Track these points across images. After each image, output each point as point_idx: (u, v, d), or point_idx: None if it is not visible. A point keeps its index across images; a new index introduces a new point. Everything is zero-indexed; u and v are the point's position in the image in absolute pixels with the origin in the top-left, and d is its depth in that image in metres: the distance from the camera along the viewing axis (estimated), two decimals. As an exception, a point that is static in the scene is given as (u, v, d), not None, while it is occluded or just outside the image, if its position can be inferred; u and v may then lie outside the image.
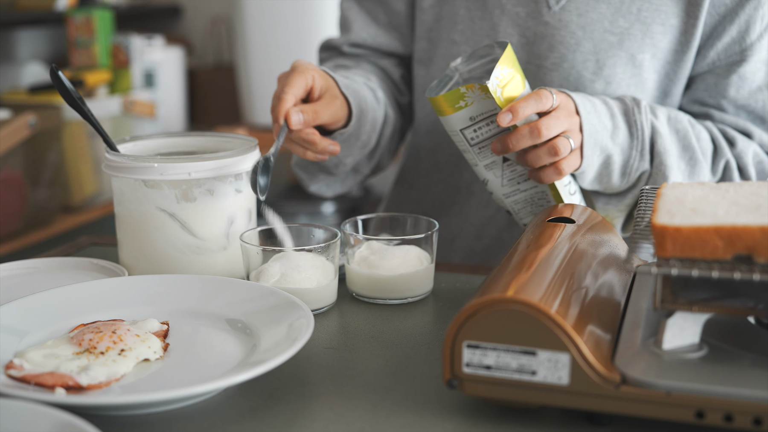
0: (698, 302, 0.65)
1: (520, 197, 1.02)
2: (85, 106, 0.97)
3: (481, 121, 0.94)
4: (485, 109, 0.93)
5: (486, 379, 0.65)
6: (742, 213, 0.66)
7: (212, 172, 0.93)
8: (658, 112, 1.05)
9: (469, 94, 0.92)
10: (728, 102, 1.11)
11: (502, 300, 0.64)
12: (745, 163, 1.09)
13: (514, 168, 0.99)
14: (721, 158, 1.08)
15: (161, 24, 3.08)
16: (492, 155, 0.98)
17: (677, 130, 1.06)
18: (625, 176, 1.03)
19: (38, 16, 2.48)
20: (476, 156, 0.98)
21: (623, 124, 1.02)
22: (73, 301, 0.84)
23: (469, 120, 0.95)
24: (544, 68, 1.11)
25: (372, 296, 0.93)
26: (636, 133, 1.02)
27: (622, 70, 1.09)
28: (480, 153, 0.97)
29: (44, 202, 2.08)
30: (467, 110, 0.94)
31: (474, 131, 0.95)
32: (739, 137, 1.10)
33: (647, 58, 1.09)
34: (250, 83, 2.56)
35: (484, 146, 0.97)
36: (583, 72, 1.09)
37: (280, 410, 0.69)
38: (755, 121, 1.12)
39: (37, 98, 2.17)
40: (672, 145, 1.04)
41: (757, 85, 1.10)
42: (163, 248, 0.94)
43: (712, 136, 1.10)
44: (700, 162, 1.06)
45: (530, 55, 1.12)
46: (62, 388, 0.68)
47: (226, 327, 0.81)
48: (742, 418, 0.60)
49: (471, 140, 0.96)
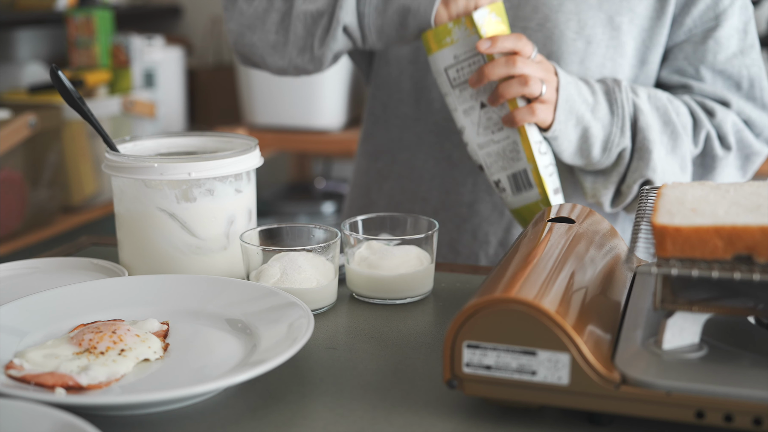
0: (698, 302, 0.65)
1: (493, 149, 1.06)
2: (85, 106, 0.97)
3: (465, 60, 1.01)
4: (468, 47, 1.00)
5: (486, 379, 0.65)
6: (742, 213, 0.66)
7: (212, 172, 0.93)
8: (639, 91, 1.11)
9: (455, 30, 1.00)
10: (706, 68, 1.16)
11: (502, 300, 0.64)
12: (725, 132, 1.15)
13: (489, 116, 1.04)
14: (701, 130, 1.14)
15: (161, 24, 3.08)
16: (470, 99, 1.04)
17: (657, 107, 1.11)
18: (606, 151, 1.09)
19: (38, 16, 2.48)
20: (456, 99, 1.03)
21: (604, 101, 1.08)
22: (73, 301, 0.84)
23: (453, 58, 1.01)
24: (529, 29, 1.15)
25: (372, 296, 0.93)
26: (617, 111, 1.08)
27: (602, 30, 1.14)
28: (460, 96, 1.03)
29: (44, 202, 2.08)
30: (453, 47, 1.01)
31: (457, 71, 1.02)
32: (718, 107, 1.15)
33: (625, 21, 1.14)
34: (250, 83, 2.55)
35: (465, 89, 1.02)
36: (566, 31, 1.14)
37: (280, 410, 0.69)
38: (731, 88, 1.17)
39: (37, 98, 2.17)
40: (653, 120, 1.10)
41: (732, 51, 1.16)
42: (163, 248, 0.94)
43: (690, 109, 1.15)
44: (681, 135, 1.12)
45: (516, 18, 1.16)
46: (62, 388, 0.68)
47: (226, 327, 0.81)
48: (742, 418, 0.60)
49: (453, 80, 1.02)
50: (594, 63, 1.15)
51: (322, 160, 3.10)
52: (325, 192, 2.86)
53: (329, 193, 2.85)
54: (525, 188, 1.06)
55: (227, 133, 1.06)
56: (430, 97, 1.23)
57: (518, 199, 1.08)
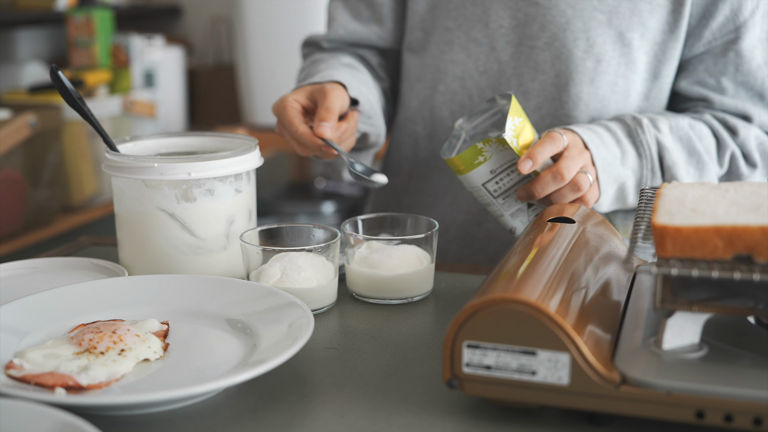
0: (698, 302, 0.65)
1: None
2: (85, 106, 0.97)
3: (502, 172, 0.99)
4: (504, 161, 0.98)
5: (486, 379, 0.65)
6: (742, 213, 0.66)
7: (212, 172, 0.93)
8: (660, 125, 1.08)
9: (486, 148, 0.97)
10: (728, 80, 1.14)
11: (502, 300, 0.64)
12: (749, 150, 1.13)
13: (538, 210, 1.02)
14: (726, 151, 1.12)
15: (161, 24, 3.08)
16: (517, 203, 1.02)
17: (680, 138, 1.09)
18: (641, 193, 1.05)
19: (38, 16, 2.48)
20: (501, 207, 1.02)
21: (630, 146, 1.06)
22: (73, 301, 0.84)
23: (489, 173, 0.99)
24: (537, 49, 1.13)
25: (372, 296, 0.93)
26: (644, 153, 1.06)
27: (612, 48, 1.12)
28: (505, 203, 1.02)
29: (44, 202, 2.08)
30: (487, 164, 0.98)
31: (496, 183, 1.00)
32: (740, 124, 1.13)
33: (636, 37, 1.12)
34: (250, 83, 2.56)
35: (508, 195, 1.01)
36: (574, 50, 1.12)
37: (280, 410, 0.69)
38: (754, 99, 1.15)
39: (37, 98, 2.17)
40: (679, 155, 1.07)
41: (757, 63, 1.13)
42: (163, 248, 0.94)
43: (713, 130, 1.12)
44: (707, 163, 1.10)
45: (522, 36, 1.14)
46: (62, 388, 0.68)
47: (226, 327, 0.81)
48: (742, 418, 0.60)
49: (494, 192, 1.01)
50: (605, 81, 1.13)
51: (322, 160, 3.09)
52: (325, 192, 2.86)
53: (329, 193, 2.84)
54: None
55: (227, 133, 1.07)
56: (441, 115, 1.21)
57: None
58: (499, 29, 1.15)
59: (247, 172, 0.97)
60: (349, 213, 2.69)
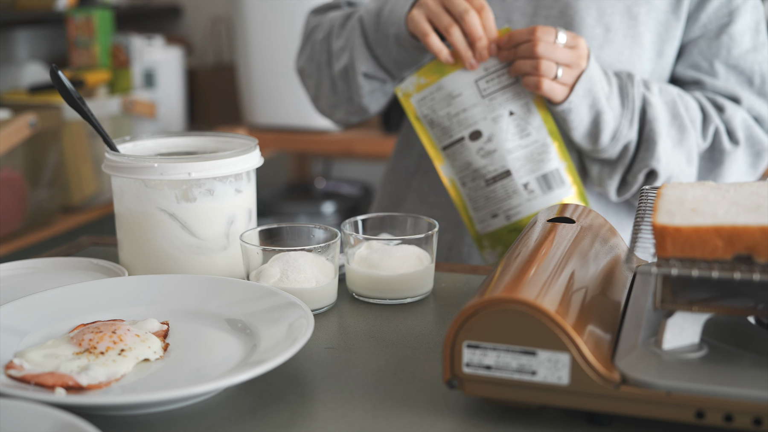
0: (698, 302, 0.65)
1: (521, 153, 1.11)
2: (85, 106, 0.97)
3: (494, 72, 1.09)
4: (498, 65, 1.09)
5: (486, 379, 0.65)
6: (742, 213, 0.66)
7: (212, 172, 0.93)
8: (651, 85, 1.15)
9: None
10: (720, 63, 1.20)
11: (502, 300, 0.64)
12: (734, 127, 1.18)
13: (518, 123, 1.10)
14: (710, 124, 1.17)
15: (161, 24, 3.08)
16: (499, 108, 1.10)
17: (666, 102, 1.15)
18: (614, 140, 1.13)
19: (38, 16, 2.48)
20: (486, 109, 1.10)
21: (617, 94, 1.12)
22: (73, 301, 0.84)
23: (483, 70, 1.09)
24: (551, 17, 1.20)
25: (372, 296, 0.93)
26: (627, 104, 1.12)
27: (620, 19, 1.18)
28: (489, 105, 1.10)
29: (44, 202, 2.08)
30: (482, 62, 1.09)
31: (486, 82, 1.09)
32: (728, 104, 1.19)
33: (642, 12, 1.18)
34: (250, 83, 2.55)
35: (494, 98, 1.10)
36: (586, 18, 1.18)
37: (280, 410, 0.69)
38: (744, 83, 1.21)
39: (37, 98, 2.17)
40: (662, 113, 1.13)
41: (746, 47, 1.20)
42: (163, 248, 0.94)
43: (700, 105, 1.19)
44: (689, 129, 1.15)
45: (538, 7, 1.20)
46: (62, 388, 0.68)
47: (226, 327, 0.81)
48: (742, 418, 0.60)
49: (483, 91, 1.09)
50: (612, 50, 1.18)
51: (322, 160, 3.10)
52: (325, 192, 2.86)
53: (329, 193, 2.84)
54: (557, 186, 1.12)
55: (227, 133, 1.06)
56: None
57: (547, 198, 1.12)
58: (515, 2, 1.20)
59: (247, 172, 0.97)
60: (349, 213, 2.69)
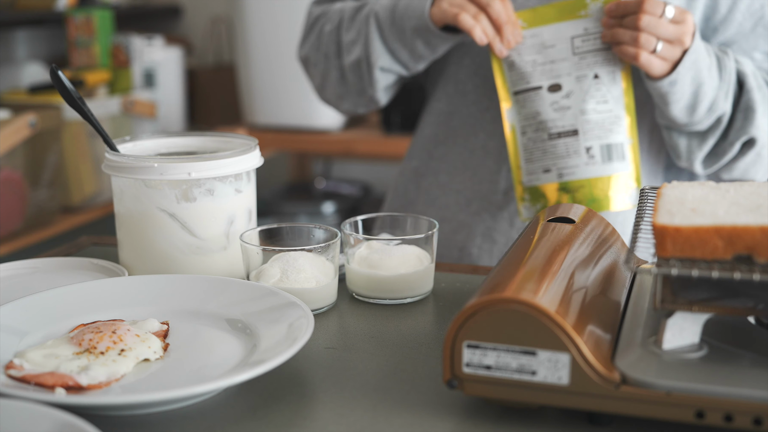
0: (698, 302, 0.65)
1: (594, 117, 1.13)
2: (85, 106, 0.97)
3: (593, 34, 1.11)
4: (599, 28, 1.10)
5: (486, 379, 0.65)
6: (742, 213, 0.66)
7: (212, 172, 0.92)
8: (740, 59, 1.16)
9: (591, 5, 1.10)
10: (759, 53, 1.21)
11: (502, 300, 0.64)
12: None
13: (599, 88, 1.12)
14: None
15: (161, 24, 3.08)
16: (586, 68, 1.12)
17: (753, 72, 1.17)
18: (710, 112, 1.13)
19: (38, 16, 2.48)
20: (573, 66, 1.11)
21: (716, 66, 1.13)
22: (73, 301, 0.84)
23: (583, 30, 1.11)
24: None
25: (372, 296, 0.93)
26: (724, 76, 1.13)
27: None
28: (578, 63, 1.11)
29: (44, 202, 2.08)
30: (585, 20, 1.11)
31: (582, 41, 1.11)
32: None
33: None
34: (250, 83, 2.55)
35: (584, 57, 1.11)
36: None
37: (280, 410, 0.69)
38: None
39: (37, 98, 2.17)
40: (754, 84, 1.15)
41: None
42: (163, 248, 0.94)
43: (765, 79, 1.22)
44: None
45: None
46: (62, 388, 0.68)
47: (226, 327, 0.81)
48: (742, 418, 0.60)
49: (576, 48, 1.11)
50: None
51: (322, 160, 3.09)
52: (325, 192, 2.86)
53: (329, 193, 2.84)
54: (618, 159, 1.13)
55: (227, 133, 1.06)
56: (465, 89, 1.25)
57: (605, 168, 1.13)
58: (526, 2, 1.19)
59: (247, 172, 0.97)
60: (349, 213, 2.69)
